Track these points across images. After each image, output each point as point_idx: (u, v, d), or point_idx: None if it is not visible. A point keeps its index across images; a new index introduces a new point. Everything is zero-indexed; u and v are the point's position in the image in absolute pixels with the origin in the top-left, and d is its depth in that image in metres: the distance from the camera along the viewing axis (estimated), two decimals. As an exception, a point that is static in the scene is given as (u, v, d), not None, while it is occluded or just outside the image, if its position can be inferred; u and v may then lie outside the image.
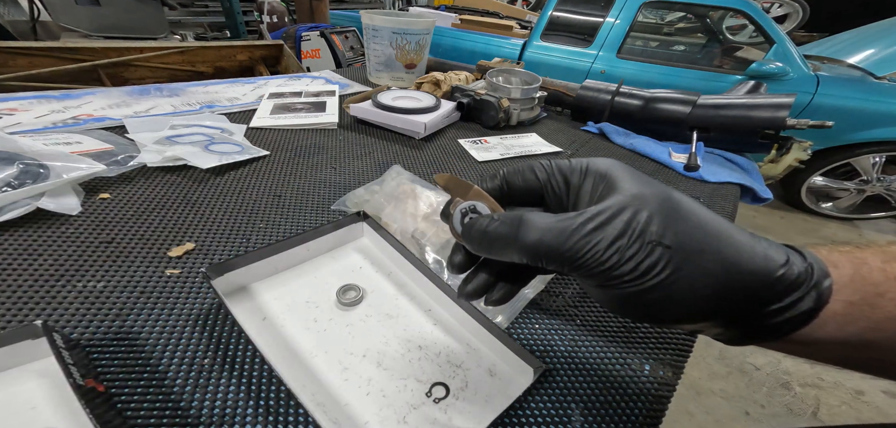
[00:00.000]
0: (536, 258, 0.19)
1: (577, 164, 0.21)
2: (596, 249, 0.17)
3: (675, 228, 0.17)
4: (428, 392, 0.27)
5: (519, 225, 0.19)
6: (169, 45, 1.15)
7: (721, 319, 0.18)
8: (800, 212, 2.23)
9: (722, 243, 0.17)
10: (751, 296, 0.17)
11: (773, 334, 0.18)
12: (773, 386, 1.21)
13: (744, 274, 0.17)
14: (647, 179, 0.19)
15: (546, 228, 0.18)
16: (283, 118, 0.67)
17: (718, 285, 0.17)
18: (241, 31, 2.06)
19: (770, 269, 0.17)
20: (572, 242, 0.17)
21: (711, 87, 1.85)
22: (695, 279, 0.17)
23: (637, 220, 0.17)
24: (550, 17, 2.24)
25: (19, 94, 0.64)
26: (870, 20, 2.52)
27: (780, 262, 0.17)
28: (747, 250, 0.17)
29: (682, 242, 0.17)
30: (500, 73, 0.81)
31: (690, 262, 0.17)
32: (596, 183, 0.20)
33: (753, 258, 0.17)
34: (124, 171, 0.45)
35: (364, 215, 0.39)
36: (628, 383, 0.29)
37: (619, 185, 0.19)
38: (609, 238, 0.17)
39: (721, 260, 0.17)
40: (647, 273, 0.17)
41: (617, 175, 0.19)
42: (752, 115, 0.71)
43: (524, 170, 0.22)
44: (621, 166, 0.20)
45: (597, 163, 0.21)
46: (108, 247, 0.35)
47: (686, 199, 0.18)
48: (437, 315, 0.33)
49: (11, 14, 1.86)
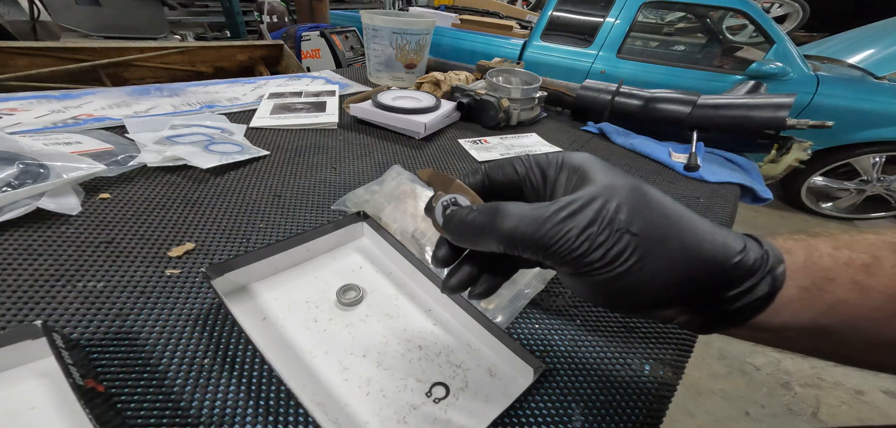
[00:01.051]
0: (513, 246, 0.19)
1: (553, 158, 0.22)
2: (568, 237, 0.18)
3: (643, 216, 0.18)
4: (428, 392, 0.27)
5: (495, 214, 0.20)
6: (169, 45, 1.15)
7: (684, 305, 0.19)
8: (800, 212, 2.22)
9: (684, 231, 0.18)
10: (710, 282, 0.18)
11: (734, 320, 0.19)
12: (773, 386, 1.21)
13: (703, 261, 0.18)
14: (618, 172, 0.20)
15: (521, 217, 0.19)
16: (283, 118, 0.67)
17: (680, 271, 0.18)
18: (241, 31, 2.06)
19: (728, 255, 0.18)
20: (545, 229, 0.18)
21: (711, 87, 1.85)
22: (659, 266, 0.18)
23: (607, 208, 0.18)
24: (550, 17, 2.24)
25: (19, 94, 0.64)
26: (870, 20, 2.51)
27: (737, 248, 0.18)
28: (707, 238, 0.18)
29: (648, 230, 0.18)
30: (500, 73, 0.81)
31: (655, 249, 0.18)
32: (570, 176, 0.21)
33: (713, 245, 0.18)
34: (124, 171, 0.45)
35: (364, 215, 0.39)
36: (628, 383, 0.29)
37: (592, 176, 0.20)
38: (580, 226, 0.18)
39: (682, 247, 0.18)
40: (616, 260, 0.18)
41: (590, 168, 0.20)
42: (753, 115, 0.71)
43: (504, 164, 0.23)
44: (594, 160, 0.21)
45: (571, 157, 0.21)
46: (108, 247, 0.35)
47: (653, 190, 0.19)
48: (437, 315, 0.33)
49: (11, 14, 1.86)
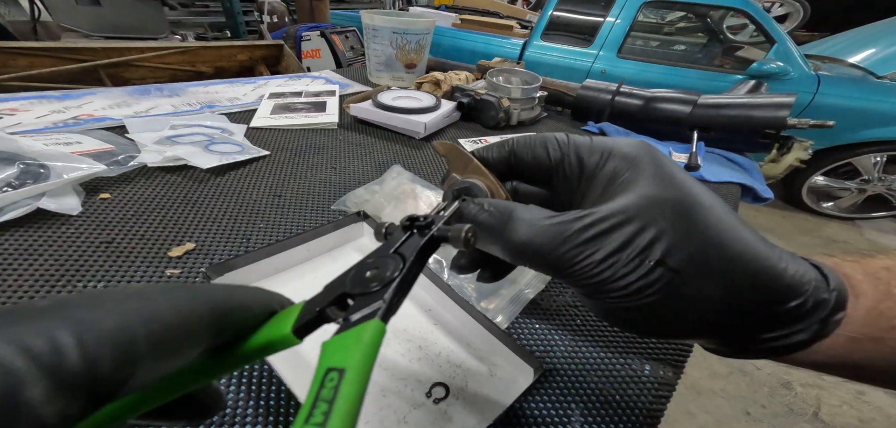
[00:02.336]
0: (522, 259, 0.17)
1: (597, 145, 0.18)
2: (589, 261, 0.15)
3: (686, 247, 0.15)
4: (428, 392, 0.27)
5: (507, 219, 0.17)
6: (169, 45, 1.15)
7: (714, 339, 0.17)
8: (801, 211, 2.22)
9: (735, 264, 0.15)
10: (752, 322, 0.16)
11: (765, 355, 0.17)
12: (774, 386, 1.21)
13: (751, 302, 0.15)
14: (670, 177, 0.16)
15: (537, 229, 0.16)
16: (284, 118, 0.67)
17: (717, 312, 0.16)
18: (242, 31, 2.06)
19: (783, 298, 0.15)
20: (564, 249, 0.16)
21: (712, 87, 1.85)
22: (694, 303, 0.15)
23: (643, 236, 0.15)
24: (551, 16, 2.24)
25: (20, 94, 0.64)
26: (870, 20, 2.51)
27: (799, 292, 0.15)
28: (764, 272, 0.15)
29: (689, 265, 0.15)
30: (501, 73, 0.80)
31: (693, 283, 0.15)
32: (618, 168, 0.17)
33: (768, 285, 0.15)
34: (124, 171, 0.45)
35: (364, 215, 0.39)
36: (628, 383, 0.29)
37: (636, 181, 0.16)
38: (606, 251, 0.15)
39: (729, 286, 0.15)
40: (640, 293, 0.15)
41: (639, 165, 0.17)
42: (753, 114, 0.71)
43: (535, 144, 0.20)
44: (647, 155, 0.17)
45: (621, 146, 0.18)
46: (108, 247, 0.35)
47: (710, 207, 0.16)
48: (437, 315, 0.33)
49: (12, 14, 1.86)
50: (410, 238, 0.17)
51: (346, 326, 0.13)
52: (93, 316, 0.09)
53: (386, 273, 0.15)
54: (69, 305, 0.10)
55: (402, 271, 0.15)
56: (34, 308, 0.09)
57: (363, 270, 0.16)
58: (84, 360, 0.09)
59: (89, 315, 0.09)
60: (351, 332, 0.13)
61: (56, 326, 0.09)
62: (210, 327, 0.12)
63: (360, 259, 0.16)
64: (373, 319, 0.13)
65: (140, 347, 0.10)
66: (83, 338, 0.09)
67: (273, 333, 0.14)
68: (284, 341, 0.14)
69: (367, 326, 0.13)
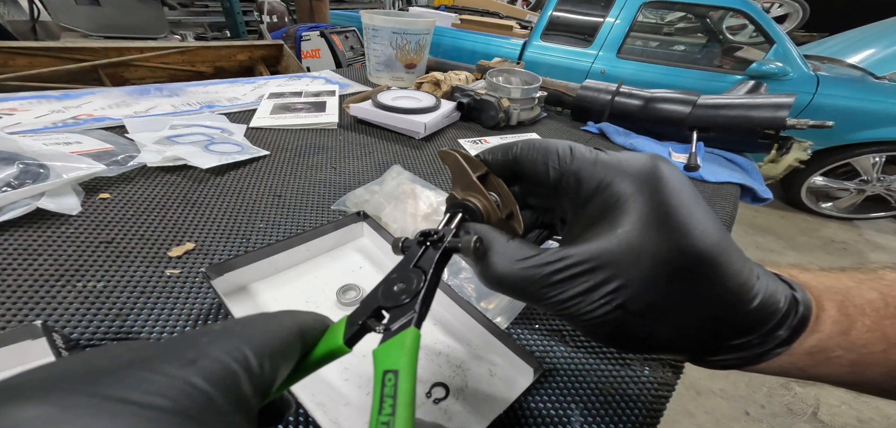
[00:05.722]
0: (497, 289, 0.19)
1: (600, 170, 0.18)
2: (557, 299, 0.17)
3: (654, 299, 0.16)
4: (428, 392, 0.27)
5: (485, 253, 0.19)
6: (169, 45, 1.15)
7: (674, 353, 0.19)
8: (800, 212, 2.23)
9: (713, 301, 0.16)
10: (714, 341, 0.17)
11: (726, 366, 0.18)
12: (773, 386, 1.21)
13: (716, 328, 0.17)
14: (664, 219, 0.16)
15: (510, 270, 0.18)
16: (283, 118, 0.67)
17: (683, 337, 0.17)
18: (241, 31, 2.06)
19: (750, 325, 0.17)
20: (535, 288, 0.17)
21: (711, 87, 1.85)
22: (659, 330, 0.17)
23: (609, 284, 0.16)
24: (550, 17, 2.24)
25: (19, 94, 0.64)
26: (870, 20, 2.51)
27: (773, 319, 0.17)
28: (739, 302, 0.16)
29: (651, 310, 0.16)
30: (500, 73, 0.81)
31: (652, 325, 0.17)
32: (610, 202, 0.17)
33: (737, 313, 0.16)
34: (124, 171, 0.45)
35: (364, 215, 0.39)
36: (628, 384, 0.29)
37: (623, 221, 0.16)
38: (573, 292, 0.17)
39: (698, 319, 0.16)
40: (605, 326, 0.17)
41: (633, 203, 0.16)
42: (752, 115, 0.71)
43: (537, 159, 0.20)
44: (649, 184, 0.17)
45: (626, 172, 0.17)
46: (108, 247, 0.35)
47: (701, 261, 0.15)
48: (437, 315, 0.33)
49: (11, 14, 1.86)
50: (426, 251, 0.19)
51: (388, 335, 0.16)
52: (251, 335, 0.13)
53: (412, 286, 0.17)
54: (233, 330, 0.13)
55: (425, 283, 0.17)
56: (212, 331, 0.13)
57: (390, 284, 0.18)
58: (260, 367, 0.12)
59: (250, 334, 0.13)
60: (395, 339, 0.15)
61: (238, 343, 0.12)
62: (301, 342, 0.15)
63: (385, 275, 0.18)
64: (409, 328, 0.16)
65: (279, 359, 0.13)
66: (256, 352, 0.12)
67: (330, 345, 0.16)
68: (339, 351, 0.16)
69: (406, 334, 0.15)
